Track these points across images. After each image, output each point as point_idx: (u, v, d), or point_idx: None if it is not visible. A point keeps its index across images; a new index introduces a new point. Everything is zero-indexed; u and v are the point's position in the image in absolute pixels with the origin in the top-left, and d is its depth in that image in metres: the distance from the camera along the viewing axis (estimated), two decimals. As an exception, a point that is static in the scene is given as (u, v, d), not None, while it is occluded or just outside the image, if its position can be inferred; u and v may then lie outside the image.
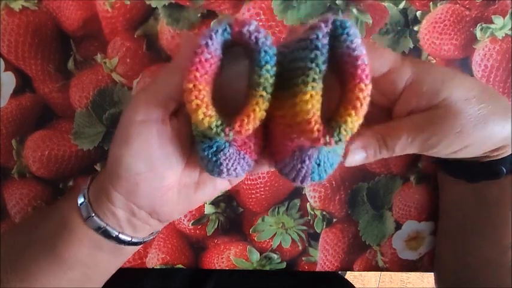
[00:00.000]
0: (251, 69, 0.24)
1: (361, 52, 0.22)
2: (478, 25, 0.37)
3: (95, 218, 0.30)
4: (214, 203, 0.39)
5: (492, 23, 0.37)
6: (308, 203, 0.40)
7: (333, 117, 0.23)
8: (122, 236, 0.31)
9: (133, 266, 0.40)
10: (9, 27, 0.35)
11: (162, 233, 0.40)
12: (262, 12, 0.36)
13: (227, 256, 0.40)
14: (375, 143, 0.30)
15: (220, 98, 0.25)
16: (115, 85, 0.37)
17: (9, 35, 0.36)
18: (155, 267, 0.40)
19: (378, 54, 0.29)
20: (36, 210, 0.38)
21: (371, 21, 0.36)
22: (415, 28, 0.37)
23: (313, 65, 0.22)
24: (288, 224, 0.40)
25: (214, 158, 0.27)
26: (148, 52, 0.36)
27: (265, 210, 0.40)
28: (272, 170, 0.38)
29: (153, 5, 0.36)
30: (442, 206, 0.39)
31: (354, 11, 0.36)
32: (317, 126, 0.22)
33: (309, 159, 0.27)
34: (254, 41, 0.23)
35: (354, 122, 0.23)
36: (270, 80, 0.23)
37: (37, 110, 0.37)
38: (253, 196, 0.39)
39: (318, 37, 0.22)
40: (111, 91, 0.37)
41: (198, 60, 0.23)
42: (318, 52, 0.22)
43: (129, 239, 0.31)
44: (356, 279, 1.37)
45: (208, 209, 0.39)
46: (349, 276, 1.35)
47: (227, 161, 0.28)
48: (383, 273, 1.37)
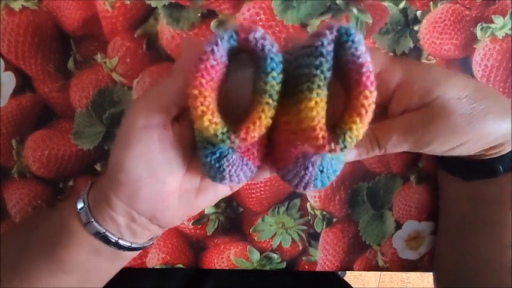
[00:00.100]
0: (257, 76, 0.24)
1: (366, 59, 0.22)
2: (478, 25, 0.37)
3: (94, 223, 0.30)
4: (215, 202, 0.39)
5: (492, 22, 0.37)
6: (308, 203, 0.40)
7: (337, 124, 0.23)
8: (121, 242, 0.31)
9: (133, 266, 0.40)
10: (9, 27, 0.35)
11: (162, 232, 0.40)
12: (262, 12, 0.36)
13: (227, 256, 0.40)
14: (367, 141, 0.30)
15: (225, 104, 0.25)
16: (115, 85, 0.37)
17: (9, 35, 0.36)
18: (155, 267, 0.40)
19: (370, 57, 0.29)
20: (36, 210, 0.38)
21: (371, 21, 0.36)
22: (415, 28, 0.37)
23: (318, 71, 0.22)
24: (288, 224, 0.40)
25: (217, 165, 0.27)
26: (148, 52, 0.36)
27: (265, 210, 0.40)
28: (272, 170, 0.38)
29: (153, 4, 0.36)
30: (441, 205, 0.39)
31: (354, 10, 0.36)
32: (322, 133, 0.22)
33: (312, 166, 0.27)
34: (260, 48, 0.23)
35: (359, 129, 0.22)
36: (276, 87, 0.23)
37: (37, 110, 0.37)
38: (253, 196, 0.39)
39: (323, 44, 0.22)
40: (111, 91, 0.37)
41: (203, 66, 0.22)
42: (323, 59, 0.22)
43: (129, 244, 0.31)
44: (356, 279, 1.37)
45: (208, 208, 0.39)
46: (349, 276, 1.35)
47: (230, 167, 0.27)
48: (383, 273, 1.37)
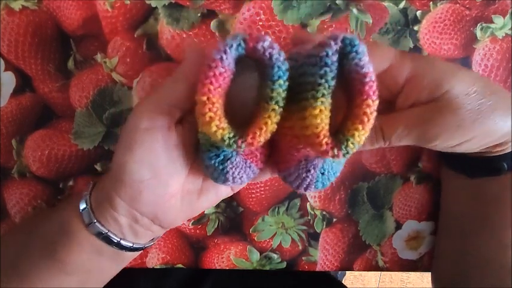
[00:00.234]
0: (263, 83, 0.25)
1: (369, 69, 0.23)
2: (478, 25, 0.37)
3: (97, 224, 0.30)
4: (215, 202, 0.39)
5: (492, 22, 0.37)
6: (308, 203, 0.40)
7: (340, 130, 0.24)
8: (123, 242, 0.31)
9: (133, 266, 0.40)
10: (9, 27, 0.35)
11: (162, 232, 0.40)
12: (262, 12, 0.36)
13: (227, 256, 0.40)
14: (372, 132, 0.30)
15: (229, 107, 0.25)
16: (115, 85, 0.37)
17: (9, 35, 0.36)
18: (155, 267, 0.40)
19: (379, 52, 0.29)
20: (36, 210, 0.38)
21: (371, 21, 0.36)
22: (415, 28, 0.37)
23: (323, 81, 0.23)
24: (288, 224, 0.40)
25: (221, 167, 0.28)
26: (148, 52, 0.36)
27: (265, 210, 0.40)
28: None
29: (153, 4, 0.36)
30: (442, 203, 0.39)
31: (354, 10, 0.36)
32: (325, 139, 0.23)
33: (314, 169, 0.28)
34: (268, 56, 0.24)
35: (361, 135, 0.24)
36: (282, 95, 0.24)
37: (37, 110, 0.37)
38: (253, 196, 0.39)
39: (327, 54, 0.23)
40: (111, 91, 0.37)
41: (212, 74, 0.23)
42: (328, 69, 0.23)
43: (131, 245, 0.31)
44: (356, 279, 1.37)
45: (208, 208, 0.39)
46: (349, 276, 1.35)
47: (233, 169, 0.28)
48: (383, 273, 1.37)
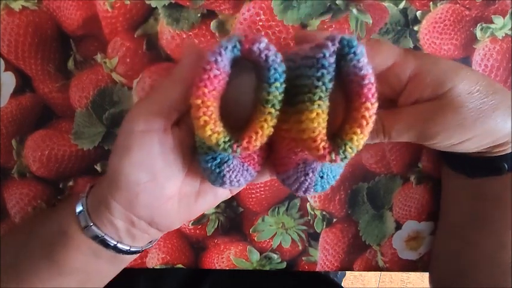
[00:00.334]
0: (259, 85, 0.24)
1: (368, 71, 0.22)
2: (478, 25, 0.37)
3: (93, 227, 0.30)
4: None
5: (492, 22, 0.37)
6: (308, 203, 0.40)
7: (338, 134, 0.23)
8: (120, 246, 0.31)
9: (133, 266, 0.40)
10: (9, 27, 0.35)
11: (162, 233, 0.40)
12: (262, 12, 0.36)
13: (227, 256, 0.40)
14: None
15: (225, 109, 0.25)
16: (115, 85, 0.37)
17: (9, 35, 0.36)
18: (155, 267, 0.40)
19: (383, 49, 0.29)
20: (36, 210, 0.38)
21: (371, 21, 0.36)
22: (415, 28, 0.37)
23: (320, 83, 0.22)
24: (288, 224, 0.40)
25: (218, 170, 0.27)
26: (148, 52, 0.36)
27: (265, 210, 0.40)
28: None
29: (153, 5, 0.36)
30: (442, 202, 0.38)
31: (354, 10, 0.36)
32: (323, 144, 0.23)
33: (312, 172, 0.27)
34: (264, 58, 0.23)
35: (359, 139, 0.23)
36: (279, 97, 0.23)
37: (37, 110, 0.37)
38: (253, 196, 0.39)
39: (324, 56, 0.22)
40: (111, 91, 0.37)
41: (206, 76, 0.22)
42: (325, 71, 0.22)
43: (128, 248, 0.31)
44: (356, 279, 1.37)
45: (208, 209, 0.39)
46: (349, 276, 1.35)
47: (230, 172, 0.28)
48: (383, 273, 1.37)
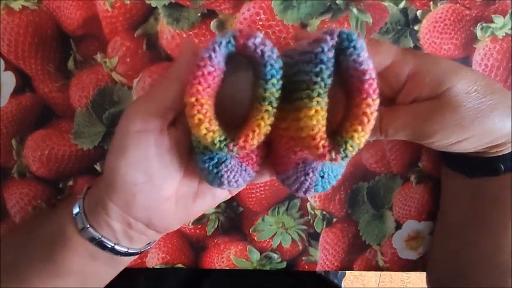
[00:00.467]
0: (256, 82, 0.23)
1: (368, 66, 0.21)
2: (479, 24, 0.37)
3: (90, 229, 0.30)
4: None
5: (492, 22, 0.37)
6: (308, 203, 0.40)
7: (338, 131, 0.22)
8: (117, 247, 0.30)
9: (133, 266, 0.40)
10: (9, 27, 0.35)
11: (162, 232, 0.40)
12: (262, 12, 0.36)
13: (227, 256, 0.40)
14: None
15: (221, 107, 0.24)
16: (115, 85, 0.37)
17: (9, 35, 0.36)
18: (155, 267, 0.40)
19: (381, 49, 0.29)
20: (36, 210, 0.38)
21: (371, 21, 0.36)
22: (416, 27, 0.37)
23: (319, 79, 0.21)
24: (288, 224, 0.40)
25: (215, 170, 0.27)
26: (148, 52, 0.36)
27: (265, 209, 0.40)
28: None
29: (153, 4, 0.36)
30: (442, 202, 0.39)
31: (354, 10, 0.36)
32: (322, 142, 0.22)
33: (312, 172, 0.26)
34: (260, 54, 0.22)
35: (360, 137, 0.22)
36: (276, 94, 0.22)
37: (37, 110, 0.37)
38: (253, 196, 0.39)
39: (323, 50, 0.21)
40: (111, 91, 0.37)
41: (200, 73, 0.22)
42: (323, 66, 0.21)
43: (125, 250, 0.31)
44: (356, 279, 1.37)
45: (208, 208, 0.39)
46: (349, 276, 1.35)
47: (228, 173, 0.27)
48: (383, 273, 1.37)
